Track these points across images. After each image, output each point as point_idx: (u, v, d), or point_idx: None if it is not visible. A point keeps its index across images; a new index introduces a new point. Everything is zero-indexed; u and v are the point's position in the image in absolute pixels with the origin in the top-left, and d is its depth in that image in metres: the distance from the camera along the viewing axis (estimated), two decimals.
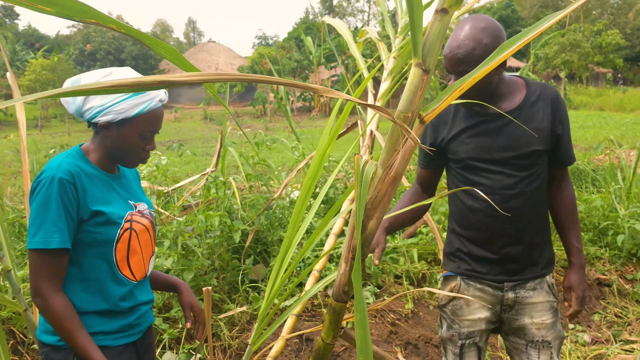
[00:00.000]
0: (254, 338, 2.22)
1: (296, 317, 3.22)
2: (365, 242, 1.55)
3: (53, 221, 1.73)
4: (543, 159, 2.23)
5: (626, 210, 5.38)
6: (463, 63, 2.06)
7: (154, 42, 1.36)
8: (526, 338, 2.32)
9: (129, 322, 1.96)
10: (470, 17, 2.12)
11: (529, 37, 1.36)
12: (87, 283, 1.85)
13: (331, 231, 3.61)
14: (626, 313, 4.57)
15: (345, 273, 1.62)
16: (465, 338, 2.36)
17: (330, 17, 4.37)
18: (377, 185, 1.51)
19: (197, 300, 2.20)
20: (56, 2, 1.12)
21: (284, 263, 2.12)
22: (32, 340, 3.49)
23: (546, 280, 2.34)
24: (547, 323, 2.31)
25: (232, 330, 3.79)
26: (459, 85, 1.41)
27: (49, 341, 1.85)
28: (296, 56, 35.85)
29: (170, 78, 1.09)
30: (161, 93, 1.88)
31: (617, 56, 35.43)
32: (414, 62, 1.43)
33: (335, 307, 1.69)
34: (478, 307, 2.34)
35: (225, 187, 4.36)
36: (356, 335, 1.43)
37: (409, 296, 4.36)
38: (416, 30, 1.39)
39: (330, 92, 1.26)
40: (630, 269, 5.16)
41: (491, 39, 2.04)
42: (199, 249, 3.97)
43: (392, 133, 1.48)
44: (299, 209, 2.03)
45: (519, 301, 2.30)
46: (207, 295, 2.28)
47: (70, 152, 1.89)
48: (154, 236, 2.06)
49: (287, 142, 5.46)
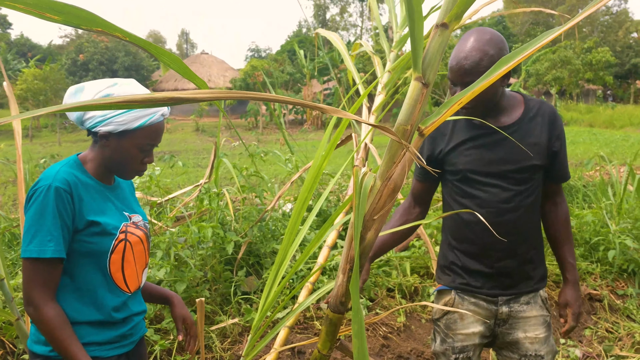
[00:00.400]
0: (247, 350, 2.22)
1: (289, 329, 3.21)
2: (363, 253, 1.56)
3: (48, 230, 1.71)
4: (539, 174, 2.25)
5: (617, 225, 5.41)
6: (470, 74, 2.08)
7: (158, 50, 1.37)
8: (519, 352, 2.32)
9: (122, 333, 1.95)
10: (475, 30, 2.15)
11: (529, 51, 1.38)
12: (80, 293, 1.84)
13: (325, 243, 3.61)
14: (617, 328, 4.59)
15: (342, 284, 1.62)
16: (459, 352, 2.36)
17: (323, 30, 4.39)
18: (375, 196, 1.51)
19: (189, 313, 2.20)
20: (63, 10, 1.13)
21: (279, 275, 2.12)
22: (22, 350, 3.46)
23: (540, 294, 2.36)
24: (541, 337, 2.31)
25: (223, 342, 3.78)
26: (458, 99, 1.42)
27: (41, 351, 1.83)
28: (289, 69, 35.98)
29: (180, 95, 1.09)
30: (164, 108, 1.87)
31: (607, 73, 35.83)
32: (413, 75, 1.44)
33: (332, 318, 1.69)
34: (472, 322, 2.34)
35: (218, 199, 4.35)
36: (353, 346, 1.43)
37: (401, 310, 4.36)
38: (416, 44, 1.40)
39: (337, 112, 1.27)
40: (621, 284, 5.18)
41: (496, 50, 2.08)
42: (191, 260, 3.96)
43: (391, 145, 1.49)
44: (294, 221, 2.04)
45: (513, 315, 2.31)
46: (200, 307, 2.28)
47: (67, 161, 1.88)
48: (147, 248, 2.05)
49: (281, 155, 5.47)
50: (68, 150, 20.03)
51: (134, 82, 1.88)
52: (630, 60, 46.00)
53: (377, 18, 3.91)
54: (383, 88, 3.71)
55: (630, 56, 46.31)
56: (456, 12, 1.37)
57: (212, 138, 26.42)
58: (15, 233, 4.72)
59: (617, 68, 42.70)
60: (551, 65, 30.83)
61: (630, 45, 47.59)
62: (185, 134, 28.84)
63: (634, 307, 4.83)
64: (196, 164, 16.29)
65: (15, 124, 2.72)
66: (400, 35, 3.76)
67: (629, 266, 5.17)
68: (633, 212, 5.95)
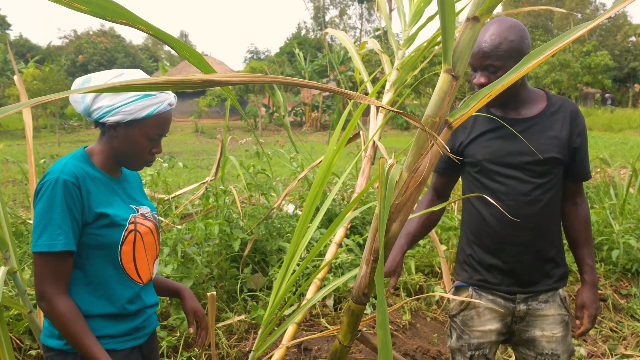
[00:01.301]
0: (258, 344, 2.21)
1: (297, 325, 3.21)
2: (387, 244, 1.56)
3: (57, 224, 1.70)
4: (559, 169, 2.23)
5: (620, 226, 5.42)
6: (489, 57, 2.09)
7: (180, 45, 1.38)
8: (535, 350, 2.31)
9: (135, 326, 1.94)
10: (496, 19, 2.17)
11: (560, 45, 1.39)
12: (93, 286, 1.83)
13: (332, 240, 3.61)
14: (621, 328, 4.59)
15: (366, 275, 1.62)
16: (475, 349, 2.35)
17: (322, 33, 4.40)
18: (402, 188, 1.51)
19: (200, 306, 2.19)
20: (91, 1, 1.14)
21: (290, 268, 2.11)
22: (29, 346, 3.46)
23: (559, 293, 2.33)
24: (558, 336, 2.30)
25: (230, 339, 3.78)
26: (487, 92, 1.43)
27: (55, 345, 1.82)
28: (288, 71, 36.02)
29: (214, 78, 1.10)
30: (170, 97, 1.87)
31: (605, 77, 35.92)
32: (443, 68, 1.45)
33: (354, 309, 1.69)
34: (489, 319, 2.33)
35: (225, 196, 4.35)
36: (377, 337, 1.43)
37: (406, 307, 4.36)
38: (447, 37, 1.40)
39: (362, 98, 1.28)
40: (625, 284, 5.19)
41: (516, 37, 2.09)
42: (198, 257, 3.96)
43: (418, 137, 1.49)
44: (306, 214, 2.03)
45: (531, 313, 2.30)
46: (211, 301, 2.28)
47: (74, 154, 1.87)
48: (158, 239, 2.04)
49: (285, 154, 5.47)
50: (67, 151, 19.90)
51: (140, 72, 1.88)
52: (629, 64, 46.17)
53: (385, 16, 3.91)
54: (391, 86, 3.72)
55: (628, 60, 46.47)
56: (487, 5, 1.38)
57: (211, 139, 26.44)
58: (20, 229, 4.71)
59: (615, 72, 42.87)
60: (550, 68, 30.92)
61: (628, 49, 47.74)
62: (184, 136, 28.86)
63: (638, 306, 4.83)
64: (196, 165, 16.28)
65: (25, 116, 2.72)
66: (408, 33, 3.76)
67: (633, 266, 5.17)
68: (636, 212, 5.97)
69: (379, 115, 3.70)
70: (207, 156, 18.05)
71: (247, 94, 33.23)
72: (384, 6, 3.95)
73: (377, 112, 3.79)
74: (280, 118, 25.89)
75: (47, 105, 26.99)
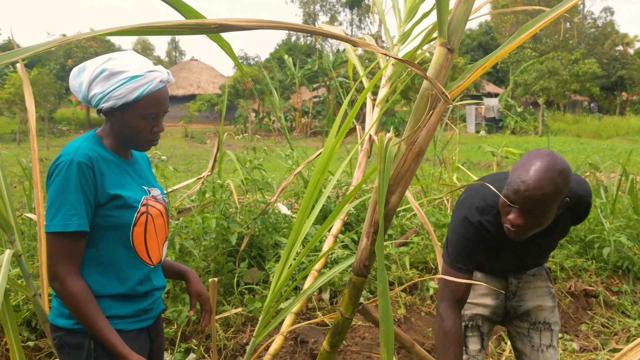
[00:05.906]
0: (259, 330, 2.25)
1: (295, 315, 3.25)
2: (387, 216, 1.60)
3: (72, 204, 1.72)
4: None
5: (611, 224, 5.49)
6: (537, 203, 1.92)
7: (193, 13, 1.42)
8: (529, 320, 2.44)
9: (144, 307, 1.97)
10: (546, 155, 1.96)
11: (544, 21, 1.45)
12: (104, 267, 1.86)
13: (329, 233, 3.66)
14: (612, 323, 4.66)
15: (366, 247, 1.67)
16: (469, 320, 2.46)
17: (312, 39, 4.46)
18: (400, 161, 1.56)
19: (205, 289, 2.22)
20: None
21: (292, 253, 2.15)
22: (27, 337, 3.47)
23: (544, 267, 2.52)
24: (549, 306, 2.45)
25: (227, 331, 3.80)
26: (482, 64, 1.48)
27: (64, 325, 1.84)
28: (278, 76, 36.06)
29: (228, 22, 1.14)
30: (163, 74, 1.87)
31: (593, 85, 36.16)
32: (439, 42, 1.50)
33: (355, 282, 1.73)
34: (483, 293, 2.44)
35: (222, 190, 4.38)
36: (379, 305, 1.47)
37: (401, 302, 4.40)
38: (442, 10, 1.46)
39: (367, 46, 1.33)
40: (616, 281, 5.25)
41: (564, 182, 1.94)
42: (195, 251, 3.98)
43: (416, 110, 1.54)
44: (306, 203, 2.06)
45: (521, 286, 2.44)
46: (212, 287, 2.31)
47: (86, 137, 1.89)
48: (167, 221, 2.07)
49: (282, 153, 5.50)
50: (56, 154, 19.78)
51: (131, 52, 1.90)
52: (617, 72, 46.54)
53: (380, 12, 3.98)
54: (387, 81, 3.78)
55: (616, 68, 46.85)
56: None
57: (201, 144, 26.36)
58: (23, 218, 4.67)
59: (603, 80, 43.19)
60: (539, 76, 31.09)
61: (616, 58, 48.14)
62: (174, 140, 28.74)
63: (628, 303, 4.90)
64: (186, 169, 16.21)
65: (28, 104, 2.74)
66: (404, 29, 3.83)
67: (624, 263, 5.24)
68: (626, 211, 6.04)
69: (374, 109, 3.75)
70: (197, 160, 17.95)
71: (237, 99, 33.21)
72: (379, 2, 4.01)
73: (372, 107, 3.84)
74: (269, 123, 25.87)
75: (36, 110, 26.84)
